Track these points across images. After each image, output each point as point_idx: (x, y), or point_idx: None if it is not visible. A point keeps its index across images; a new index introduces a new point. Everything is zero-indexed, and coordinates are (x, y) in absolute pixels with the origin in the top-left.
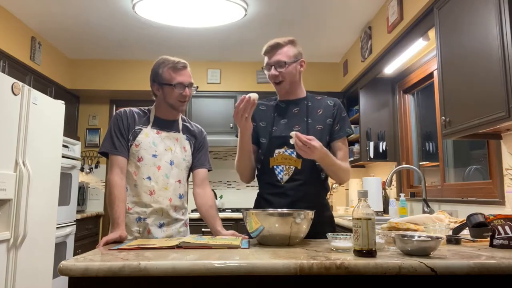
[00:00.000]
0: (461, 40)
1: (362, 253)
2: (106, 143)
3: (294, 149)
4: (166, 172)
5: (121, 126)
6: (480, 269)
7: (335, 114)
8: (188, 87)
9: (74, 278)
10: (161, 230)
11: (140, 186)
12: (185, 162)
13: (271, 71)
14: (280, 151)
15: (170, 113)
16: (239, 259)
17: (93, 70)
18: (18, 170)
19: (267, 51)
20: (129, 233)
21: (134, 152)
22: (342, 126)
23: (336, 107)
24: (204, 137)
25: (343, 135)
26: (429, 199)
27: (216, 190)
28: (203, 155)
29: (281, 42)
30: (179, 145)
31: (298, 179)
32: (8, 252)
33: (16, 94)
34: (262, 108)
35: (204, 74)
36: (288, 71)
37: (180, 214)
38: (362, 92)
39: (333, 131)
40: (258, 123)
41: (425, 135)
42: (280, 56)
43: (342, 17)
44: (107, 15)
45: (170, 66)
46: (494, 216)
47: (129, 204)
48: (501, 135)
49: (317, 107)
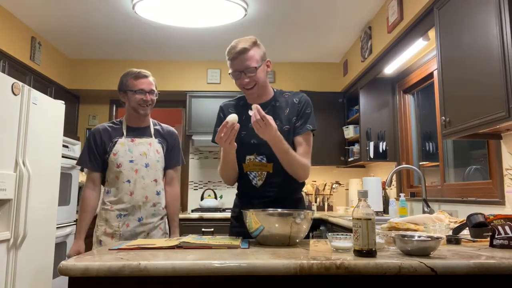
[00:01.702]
0: (461, 40)
1: (362, 253)
2: (83, 158)
3: (264, 155)
4: (142, 174)
5: (96, 143)
6: (480, 269)
7: (299, 111)
8: (148, 93)
9: (74, 278)
10: (140, 223)
11: (121, 189)
12: (159, 164)
13: (242, 79)
14: (251, 157)
15: (139, 120)
16: (239, 259)
17: (93, 70)
18: (18, 170)
19: (234, 58)
20: (109, 227)
21: (113, 160)
22: (305, 122)
23: (302, 104)
24: (175, 138)
25: (304, 131)
26: (429, 199)
27: (216, 190)
28: (175, 155)
29: (247, 46)
30: (152, 149)
31: (272, 182)
32: (8, 252)
33: (16, 94)
34: (231, 111)
35: (204, 74)
36: (258, 76)
37: (159, 208)
38: (362, 92)
39: (295, 128)
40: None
41: (425, 135)
42: (248, 62)
43: (342, 17)
44: (107, 15)
45: (133, 75)
46: (494, 216)
47: (112, 204)
48: (501, 135)
49: (284, 107)
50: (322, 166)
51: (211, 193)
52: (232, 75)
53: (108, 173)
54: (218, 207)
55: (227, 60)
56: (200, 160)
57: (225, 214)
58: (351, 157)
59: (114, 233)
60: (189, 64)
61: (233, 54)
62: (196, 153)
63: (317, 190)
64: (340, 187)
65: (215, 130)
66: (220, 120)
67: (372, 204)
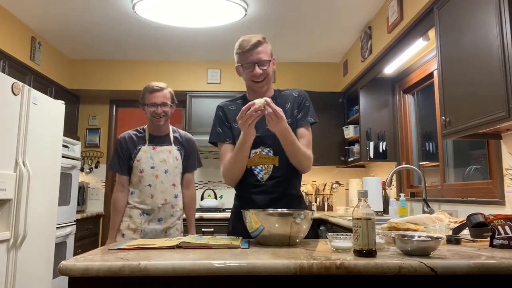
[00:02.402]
0: (461, 40)
1: (362, 253)
2: (113, 164)
3: (271, 147)
4: (162, 179)
5: (123, 150)
6: (480, 269)
7: (299, 103)
8: (160, 106)
9: (74, 278)
10: (159, 223)
11: (143, 192)
12: (177, 169)
13: (256, 70)
14: (257, 151)
15: (158, 129)
16: (239, 259)
17: (93, 70)
18: (18, 170)
19: (249, 49)
20: (133, 223)
21: (136, 166)
22: (305, 114)
23: (301, 97)
24: (192, 144)
25: (305, 123)
26: (429, 199)
27: (216, 190)
28: (191, 161)
29: (261, 39)
30: (171, 156)
31: (278, 176)
32: (8, 252)
33: (16, 94)
34: (232, 109)
35: (204, 74)
36: (269, 69)
37: (177, 209)
38: (362, 92)
39: (297, 120)
40: (232, 123)
41: (425, 135)
42: (262, 54)
43: (342, 17)
44: (107, 15)
45: (149, 90)
46: (494, 216)
47: (135, 203)
48: (501, 135)
49: (284, 102)
50: (322, 166)
51: (211, 193)
52: (243, 67)
53: (133, 177)
54: (218, 207)
55: (237, 54)
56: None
57: (225, 214)
58: (351, 157)
59: (136, 229)
60: (189, 64)
61: (248, 46)
62: None
63: (317, 190)
64: (340, 187)
65: (214, 131)
66: (220, 119)
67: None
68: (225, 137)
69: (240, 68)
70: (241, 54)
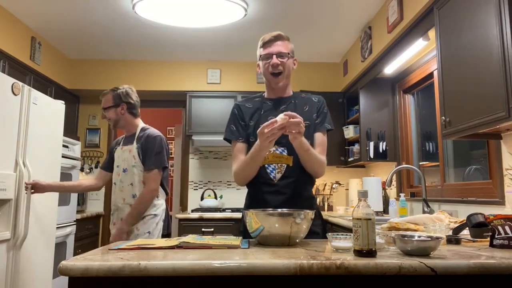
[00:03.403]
0: (461, 40)
1: (362, 253)
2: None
3: (285, 147)
4: (121, 178)
5: (109, 148)
6: (480, 269)
7: (318, 109)
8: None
9: (74, 278)
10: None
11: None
12: (135, 168)
13: (273, 60)
14: (271, 149)
15: (125, 130)
16: (239, 259)
17: (93, 70)
18: (18, 170)
19: (270, 41)
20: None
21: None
22: (323, 120)
23: (320, 103)
24: (149, 142)
25: (322, 128)
26: (429, 199)
27: (216, 190)
28: (147, 159)
29: (283, 34)
30: (130, 155)
31: (290, 176)
32: (8, 252)
33: (16, 94)
34: (248, 106)
35: (204, 74)
36: (288, 64)
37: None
38: (362, 92)
39: (315, 124)
40: (248, 122)
41: (425, 135)
42: (282, 47)
43: (342, 17)
44: (107, 15)
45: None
46: (494, 216)
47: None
48: (501, 135)
49: (303, 104)
50: None
51: (211, 193)
52: (262, 59)
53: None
54: (218, 207)
55: (260, 47)
56: (200, 160)
57: (225, 214)
58: (351, 157)
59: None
60: (189, 64)
61: (269, 38)
62: (196, 153)
63: (317, 190)
64: (340, 187)
65: (229, 128)
66: (235, 117)
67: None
68: (238, 136)
69: (260, 64)
70: (262, 48)
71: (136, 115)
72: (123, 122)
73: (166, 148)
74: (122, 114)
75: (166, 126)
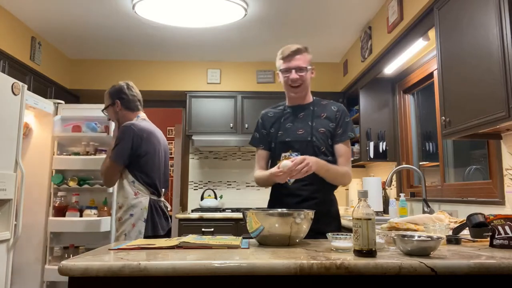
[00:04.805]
0: (461, 40)
1: (362, 253)
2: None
3: (298, 151)
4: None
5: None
6: (480, 269)
7: (338, 119)
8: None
9: (74, 278)
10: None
11: None
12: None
13: (292, 74)
14: (286, 154)
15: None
16: (239, 259)
17: (93, 70)
18: (18, 170)
19: (289, 55)
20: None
21: None
22: (345, 130)
23: (340, 112)
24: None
25: (345, 138)
26: (429, 199)
27: (216, 190)
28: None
29: (301, 47)
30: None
31: (304, 179)
32: (8, 252)
33: (16, 94)
34: (270, 115)
35: (204, 74)
36: (306, 76)
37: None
38: (362, 92)
39: (336, 135)
40: (269, 130)
41: (425, 135)
42: (300, 61)
43: (342, 17)
44: (107, 15)
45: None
46: (494, 216)
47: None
48: (501, 135)
49: (321, 111)
50: None
51: (211, 193)
52: (282, 72)
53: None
54: (218, 207)
55: (279, 59)
56: (200, 160)
57: (225, 214)
58: (351, 157)
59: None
60: (189, 64)
61: (289, 53)
62: (196, 153)
63: None
64: (340, 187)
65: (253, 135)
66: (258, 125)
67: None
68: (259, 143)
69: (280, 75)
70: (281, 60)
71: (133, 109)
72: (122, 119)
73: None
74: (118, 111)
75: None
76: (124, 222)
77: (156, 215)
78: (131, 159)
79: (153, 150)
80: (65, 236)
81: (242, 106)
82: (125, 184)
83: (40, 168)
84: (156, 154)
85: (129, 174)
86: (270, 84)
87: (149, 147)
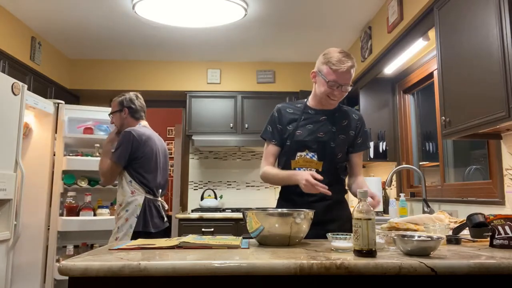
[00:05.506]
0: (461, 40)
1: (362, 253)
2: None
3: (315, 152)
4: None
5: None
6: (480, 269)
7: (358, 128)
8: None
9: (74, 278)
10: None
11: None
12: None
13: (338, 91)
14: (302, 154)
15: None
16: (239, 259)
17: (93, 70)
18: (18, 170)
19: (342, 71)
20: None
21: None
22: (365, 140)
23: (360, 122)
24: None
25: (364, 149)
26: (429, 199)
27: (216, 190)
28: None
29: (354, 64)
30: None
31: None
32: (8, 252)
33: (16, 94)
34: (289, 111)
35: (204, 74)
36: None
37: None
38: (362, 92)
39: (355, 144)
40: (286, 126)
41: (425, 135)
42: (350, 80)
43: (342, 17)
44: (107, 15)
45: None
46: (494, 216)
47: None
48: (501, 135)
49: (343, 118)
50: None
51: (211, 193)
52: (328, 84)
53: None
54: (218, 207)
55: (327, 65)
56: (200, 160)
57: (225, 214)
58: None
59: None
60: (189, 64)
61: (344, 68)
62: (196, 153)
63: None
64: None
65: (266, 128)
66: (273, 119)
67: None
68: (272, 137)
69: (320, 77)
70: (332, 69)
71: (138, 118)
72: (125, 125)
73: (131, 142)
74: (124, 118)
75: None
76: (121, 217)
77: (148, 213)
78: (130, 161)
79: (150, 153)
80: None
81: (242, 106)
82: (123, 183)
83: (40, 168)
84: (153, 157)
85: (127, 174)
86: (270, 84)
87: (146, 150)
